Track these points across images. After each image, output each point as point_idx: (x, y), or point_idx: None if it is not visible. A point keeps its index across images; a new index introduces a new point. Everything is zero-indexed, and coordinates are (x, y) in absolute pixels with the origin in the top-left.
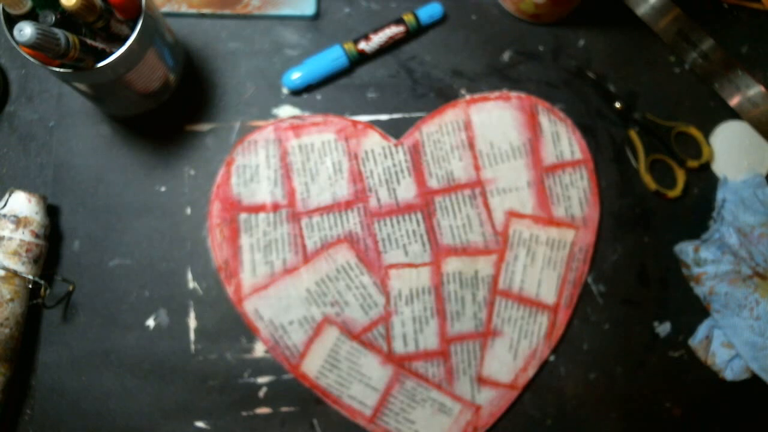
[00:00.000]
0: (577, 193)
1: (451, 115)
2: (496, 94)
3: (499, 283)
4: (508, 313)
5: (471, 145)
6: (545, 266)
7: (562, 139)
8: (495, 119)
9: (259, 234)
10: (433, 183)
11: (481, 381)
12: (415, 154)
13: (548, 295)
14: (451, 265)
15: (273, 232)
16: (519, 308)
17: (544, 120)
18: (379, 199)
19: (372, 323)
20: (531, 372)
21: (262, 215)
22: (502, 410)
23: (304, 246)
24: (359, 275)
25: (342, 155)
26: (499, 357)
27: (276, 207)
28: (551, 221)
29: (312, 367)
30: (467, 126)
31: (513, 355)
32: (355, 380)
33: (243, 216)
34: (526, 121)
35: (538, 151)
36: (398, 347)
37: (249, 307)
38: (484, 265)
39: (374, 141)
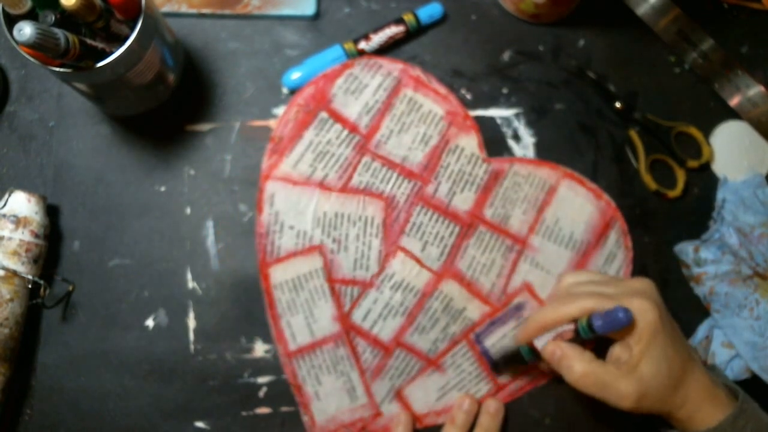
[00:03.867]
0: None
1: (544, 172)
2: (594, 186)
3: (474, 332)
4: (461, 360)
5: (541, 209)
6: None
7: (615, 263)
8: (576, 205)
9: (324, 139)
10: (488, 213)
11: (398, 396)
12: (493, 179)
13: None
14: (449, 287)
15: (336, 148)
16: (473, 363)
17: (613, 236)
18: (436, 190)
19: (352, 280)
20: (428, 422)
21: (338, 126)
22: None
23: (350, 178)
24: (373, 236)
25: (436, 132)
26: (426, 389)
27: (354, 129)
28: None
29: (278, 275)
30: (551, 191)
31: (437, 396)
32: (303, 313)
33: (323, 115)
34: (599, 227)
35: (588, 256)
36: (356, 316)
37: (269, 187)
38: (473, 309)
39: (470, 143)
